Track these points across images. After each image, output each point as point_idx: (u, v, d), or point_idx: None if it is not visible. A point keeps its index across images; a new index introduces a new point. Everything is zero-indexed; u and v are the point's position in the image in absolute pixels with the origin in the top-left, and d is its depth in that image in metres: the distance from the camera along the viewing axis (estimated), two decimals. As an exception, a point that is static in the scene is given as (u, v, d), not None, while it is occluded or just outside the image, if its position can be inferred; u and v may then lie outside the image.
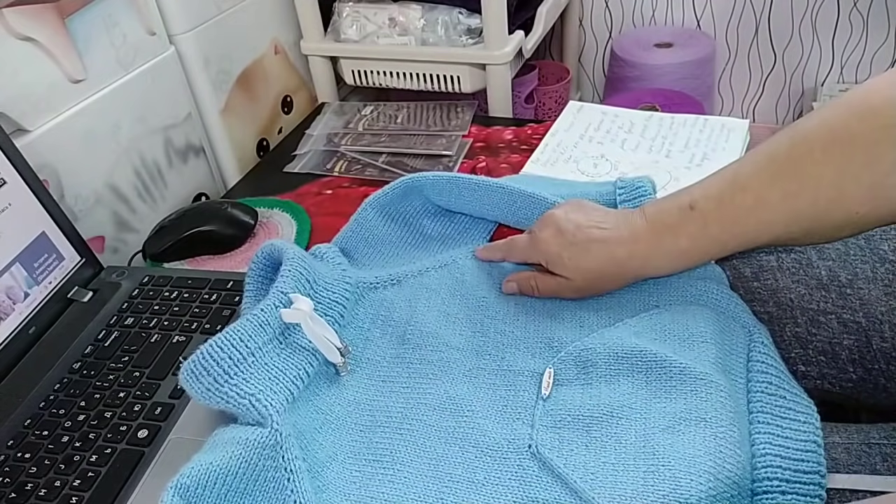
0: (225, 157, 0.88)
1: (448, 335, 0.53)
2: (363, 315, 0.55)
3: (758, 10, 1.29)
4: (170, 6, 0.77)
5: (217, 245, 0.70)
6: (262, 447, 0.42)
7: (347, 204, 0.73)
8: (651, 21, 1.38)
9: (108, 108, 0.71)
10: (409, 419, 0.47)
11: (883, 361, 0.59)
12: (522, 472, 0.43)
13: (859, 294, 0.60)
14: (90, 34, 0.68)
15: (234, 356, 0.46)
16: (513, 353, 0.51)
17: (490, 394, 0.48)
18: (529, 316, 0.53)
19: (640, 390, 0.46)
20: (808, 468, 0.43)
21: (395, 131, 0.89)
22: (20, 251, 0.58)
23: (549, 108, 1.27)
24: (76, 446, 0.49)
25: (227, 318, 0.58)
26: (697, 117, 0.79)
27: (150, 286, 0.62)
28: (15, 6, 0.60)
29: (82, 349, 0.57)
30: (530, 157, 0.77)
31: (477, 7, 0.87)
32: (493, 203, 0.61)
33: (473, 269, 0.58)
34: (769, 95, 1.38)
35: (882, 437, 0.50)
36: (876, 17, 1.23)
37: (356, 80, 0.99)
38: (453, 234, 0.63)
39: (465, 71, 0.92)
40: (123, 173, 0.74)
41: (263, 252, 0.54)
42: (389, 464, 0.45)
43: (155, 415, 0.50)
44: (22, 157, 0.59)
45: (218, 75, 0.84)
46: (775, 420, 0.45)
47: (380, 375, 0.51)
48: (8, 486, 0.47)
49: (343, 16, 0.95)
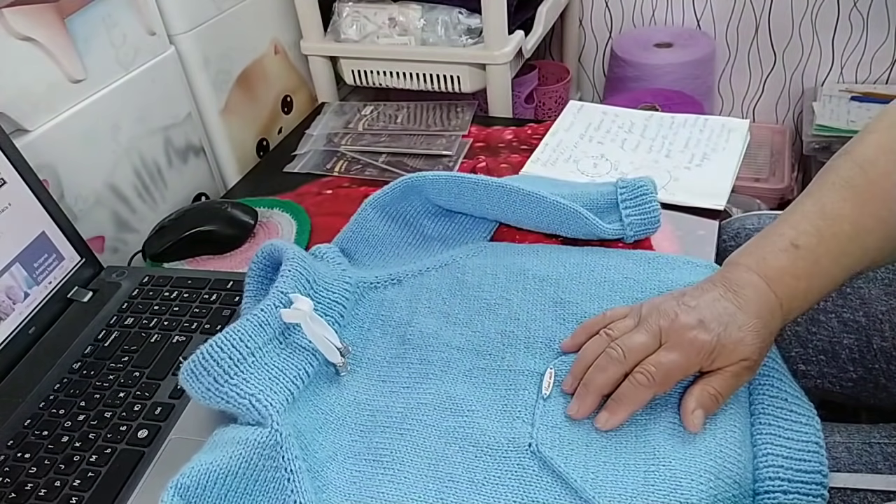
0: (225, 157, 0.88)
1: (448, 335, 0.53)
2: (363, 315, 0.55)
3: (758, 10, 1.29)
4: (170, 6, 0.77)
5: (217, 245, 0.70)
6: (262, 447, 0.42)
7: (347, 204, 0.73)
8: (651, 21, 1.38)
9: (107, 108, 0.71)
10: (410, 419, 0.47)
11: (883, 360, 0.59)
12: (522, 472, 0.43)
13: (859, 293, 0.60)
14: (90, 34, 0.68)
15: (234, 356, 0.46)
16: (513, 353, 0.51)
17: (490, 393, 0.48)
18: (530, 316, 0.53)
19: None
20: (810, 468, 0.43)
21: (395, 131, 0.89)
22: (20, 251, 0.58)
23: (549, 108, 1.26)
24: (76, 446, 0.49)
25: (227, 318, 0.58)
26: (697, 117, 0.79)
27: (150, 286, 0.62)
28: (15, 6, 0.60)
29: (82, 349, 0.57)
30: (530, 157, 0.77)
31: (477, 7, 0.87)
32: (494, 203, 0.61)
33: (474, 269, 0.58)
34: (769, 95, 1.38)
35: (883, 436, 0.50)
36: (876, 17, 1.23)
37: (356, 80, 0.99)
38: (453, 233, 0.63)
39: (465, 71, 0.92)
40: (123, 173, 0.74)
41: (263, 252, 0.54)
42: (389, 463, 0.45)
43: (155, 415, 0.50)
44: (22, 157, 0.59)
45: (218, 75, 0.84)
46: (777, 420, 0.45)
47: (380, 375, 0.51)
48: (8, 486, 0.47)
49: (343, 16, 0.95)
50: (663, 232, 0.62)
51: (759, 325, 0.44)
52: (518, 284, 0.56)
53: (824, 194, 0.48)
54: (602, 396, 0.45)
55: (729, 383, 0.44)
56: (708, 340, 0.43)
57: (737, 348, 0.43)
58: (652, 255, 0.58)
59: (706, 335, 0.44)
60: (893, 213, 0.47)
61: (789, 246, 0.47)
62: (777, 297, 0.45)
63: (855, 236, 0.47)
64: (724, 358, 0.44)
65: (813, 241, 0.46)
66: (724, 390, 0.44)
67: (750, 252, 0.48)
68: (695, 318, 0.45)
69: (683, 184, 0.69)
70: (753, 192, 1.26)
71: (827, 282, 0.47)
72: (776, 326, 0.46)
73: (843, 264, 0.47)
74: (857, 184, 0.47)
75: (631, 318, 0.48)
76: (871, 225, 0.47)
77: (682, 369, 0.44)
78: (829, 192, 0.48)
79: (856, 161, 0.48)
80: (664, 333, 0.45)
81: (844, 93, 1.26)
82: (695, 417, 0.43)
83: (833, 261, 0.46)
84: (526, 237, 0.63)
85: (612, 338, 0.46)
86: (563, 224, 0.60)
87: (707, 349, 0.43)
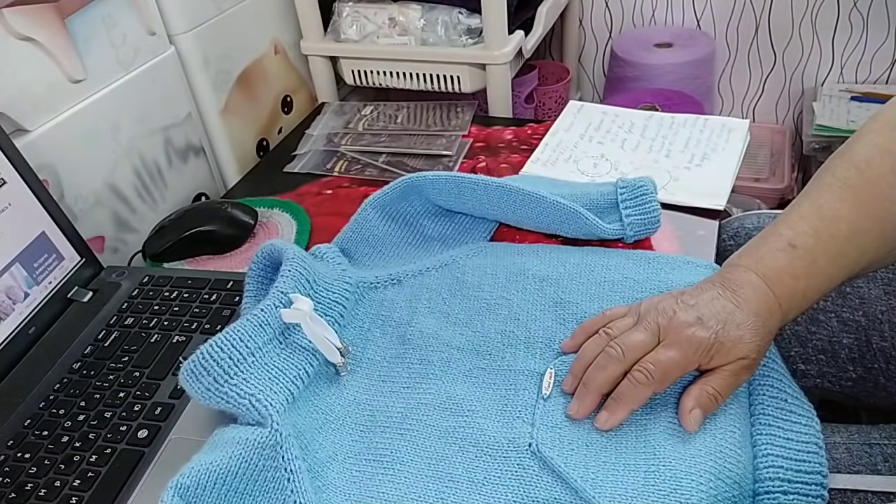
0: (225, 157, 0.88)
1: (448, 335, 0.53)
2: (363, 315, 0.55)
3: (758, 10, 1.29)
4: (170, 6, 0.77)
5: (217, 245, 0.70)
6: (262, 447, 0.42)
7: (347, 204, 0.73)
8: (651, 21, 1.38)
9: (107, 108, 0.71)
10: (410, 419, 0.47)
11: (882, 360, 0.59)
12: (522, 472, 0.43)
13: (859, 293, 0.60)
14: (90, 34, 0.68)
15: (234, 356, 0.46)
16: (513, 353, 0.51)
17: (490, 393, 0.48)
18: (530, 316, 0.53)
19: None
20: (810, 468, 0.43)
21: (395, 131, 0.89)
22: (20, 251, 0.58)
23: (549, 108, 1.26)
24: (76, 446, 0.49)
25: (227, 318, 0.58)
26: (697, 117, 0.79)
27: (150, 286, 0.62)
28: (15, 6, 0.60)
29: (82, 349, 0.57)
30: (530, 157, 0.77)
31: (477, 7, 0.87)
32: (494, 203, 0.61)
33: (474, 269, 0.58)
34: (769, 95, 1.38)
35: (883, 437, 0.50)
36: (876, 17, 1.23)
37: (356, 80, 0.99)
38: (454, 233, 0.63)
39: (465, 71, 0.92)
40: (123, 173, 0.74)
41: (263, 252, 0.54)
42: (390, 464, 0.45)
43: (155, 415, 0.50)
44: (22, 157, 0.59)
45: (218, 75, 0.84)
46: (777, 421, 0.45)
47: (380, 375, 0.51)
48: (8, 486, 0.47)
49: (343, 16, 0.95)
50: (663, 232, 0.62)
51: (757, 324, 0.44)
52: (518, 284, 0.56)
53: (821, 195, 0.48)
54: (602, 395, 0.45)
55: (728, 382, 0.44)
56: (706, 337, 0.43)
57: (735, 346, 0.43)
58: (652, 255, 0.58)
59: (704, 332, 0.44)
60: (890, 213, 0.47)
61: (787, 246, 0.47)
62: (776, 296, 0.45)
63: (852, 237, 0.47)
64: (723, 356, 0.44)
65: (810, 242, 0.46)
66: (723, 390, 0.44)
67: (748, 253, 0.48)
68: (693, 316, 0.45)
69: (683, 184, 0.69)
70: (753, 192, 1.26)
71: (825, 282, 0.47)
72: (775, 325, 0.45)
73: (840, 264, 0.47)
74: (854, 184, 0.47)
75: (630, 317, 0.48)
76: (867, 225, 0.47)
77: (680, 366, 0.44)
78: (825, 193, 0.48)
79: (852, 162, 0.48)
80: (662, 331, 0.45)
81: (844, 93, 1.26)
82: (692, 417, 0.43)
83: (830, 261, 0.47)
84: (526, 237, 0.63)
85: (612, 337, 0.46)
86: (563, 224, 0.60)
87: (705, 346, 0.43)
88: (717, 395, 0.44)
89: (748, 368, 0.44)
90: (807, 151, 1.23)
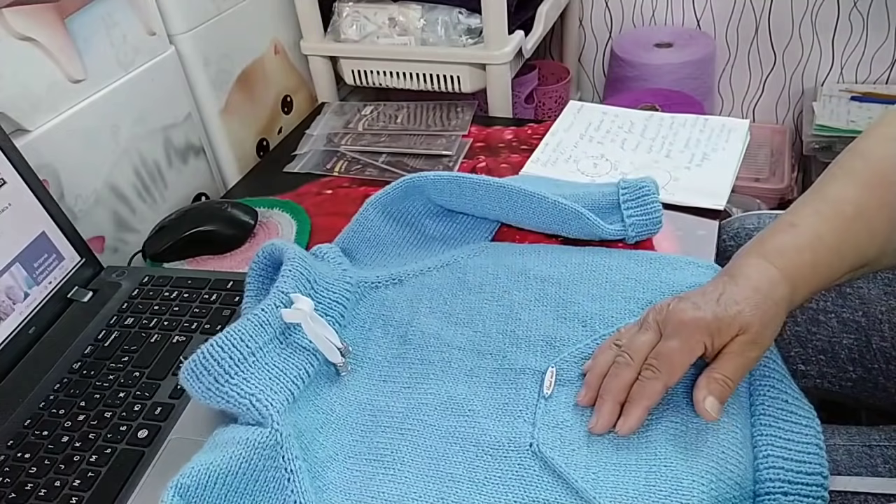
0: (225, 157, 0.88)
1: (449, 335, 0.53)
2: (364, 315, 0.55)
3: (758, 10, 1.29)
4: (169, 6, 0.77)
5: (217, 245, 0.70)
6: (263, 447, 0.42)
7: (347, 204, 0.73)
8: (651, 21, 1.38)
9: (107, 108, 0.71)
10: (410, 419, 0.47)
11: (882, 360, 0.59)
12: (523, 472, 0.43)
13: (859, 293, 0.60)
14: (90, 34, 0.68)
15: (235, 356, 0.46)
16: (514, 353, 0.51)
17: (491, 393, 0.48)
18: (531, 315, 0.53)
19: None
20: (811, 469, 0.43)
21: (395, 131, 0.89)
22: (20, 251, 0.58)
23: (549, 108, 1.26)
24: (76, 446, 0.49)
25: (227, 318, 0.58)
26: (697, 117, 0.79)
27: (150, 286, 0.62)
28: (15, 6, 0.60)
29: (82, 349, 0.57)
30: (530, 157, 0.77)
31: (477, 7, 0.87)
32: (495, 203, 0.61)
33: (475, 269, 0.58)
34: (769, 95, 1.38)
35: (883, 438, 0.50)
36: (876, 17, 1.23)
37: (356, 80, 0.99)
38: (455, 233, 0.63)
39: (465, 71, 0.92)
40: (123, 173, 0.74)
41: (264, 252, 0.54)
42: (390, 463, 0.45)
43: (155, 415, 0.50)
44: (22, 157, 0.59)
45: (218, 75, 0.84)
46: (777, 422, 0.45)
47: (381, 375, 0.51)
48: (8, 486, 0.46)
49: (343, 16, 0.95)
50: (663, 232, 0.62)
51: (757, 297, 0.43)
52: (519, 284, 0.56)
53: (825, 184, 0.48)
54: (619, 404, 0.44)
55: (735, 363, 0.43)
56: (703, 316, 0.43)
57: (735, 320, 0.43)
58: (654, 255, 0.58)
59: (700, 312, 0.43)
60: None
61: (788, 227, 0.47)
62: (777, 268, 0.45)
63: (858, 216, 0.46)
64: (725, 333, 0.43)
65: (812, 220, 0.46)
66: (731, 372, 0.43)
67: (752, 244, 0.48)
68: (689, 303, 0.44)
69: (683, 184, 0.69)
70: (753, 192, 1.26)
71: (834, 258, 0.46)
72: (780, 296, 0.44)
73: (850, 243, 0.46)
74: (859, 170, 0.47)
75: (636, 325, 0.48)
76: (874, 207, 0.46)
77: (684, 352, 0.43)
78: (830, 182, 0.48)
79: (857, 151, 0.48)
80: (661, 325, 0.45)
81: (844, 93, 1.26)
82: (707, 405, 0.42)
83: (837, 237, 0.46)
84: (527, 237, 0.63)
85: (621, 346, 0.46)
86: (564, 224, 0.60)
87: (703, 325, 0.43)
88: (726, 378, 0.43)
89: (754, 343, 0.43)
90: (807, 151, 1.23)
